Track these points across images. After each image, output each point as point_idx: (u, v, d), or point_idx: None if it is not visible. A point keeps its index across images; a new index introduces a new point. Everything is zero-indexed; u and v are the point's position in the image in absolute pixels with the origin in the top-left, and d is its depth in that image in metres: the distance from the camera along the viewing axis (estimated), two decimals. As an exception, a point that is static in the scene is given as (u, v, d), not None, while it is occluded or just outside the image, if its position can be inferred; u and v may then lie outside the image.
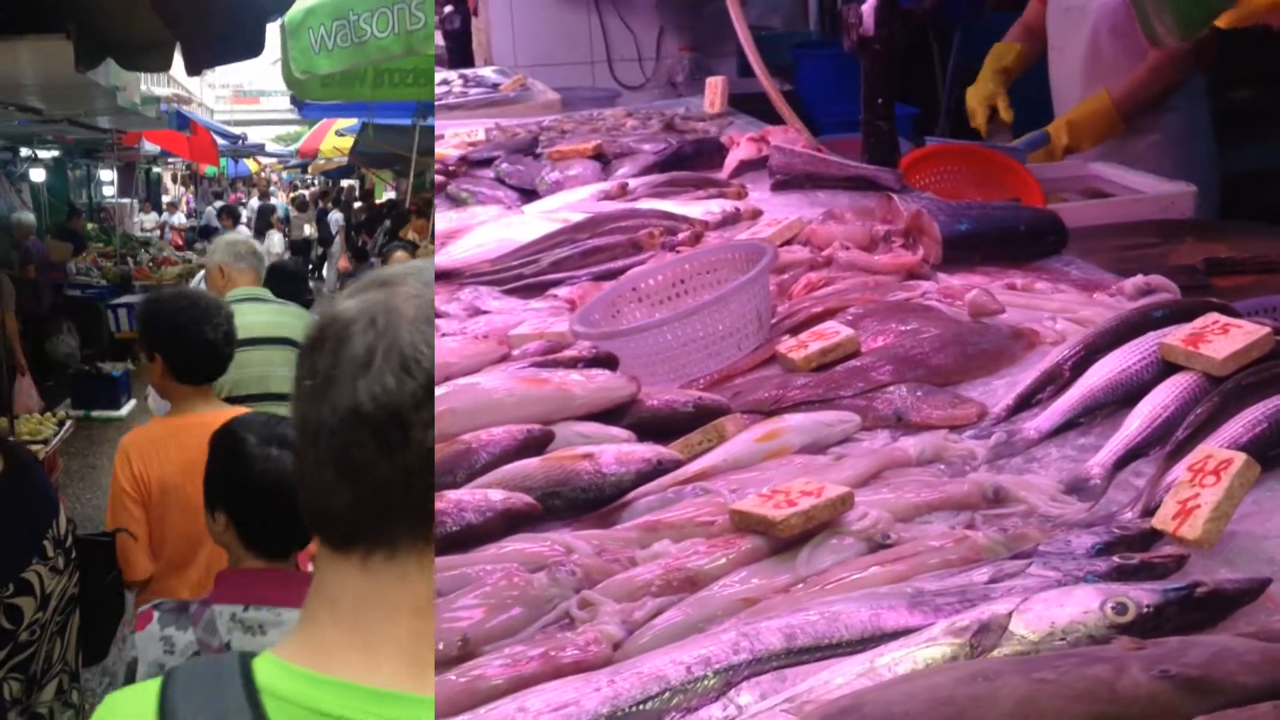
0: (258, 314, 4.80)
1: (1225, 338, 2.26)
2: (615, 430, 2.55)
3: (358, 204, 21.79)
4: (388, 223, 13.06)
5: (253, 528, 2.47)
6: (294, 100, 12.72)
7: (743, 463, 2.37)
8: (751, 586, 1.98)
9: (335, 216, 16.66)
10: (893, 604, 1.82)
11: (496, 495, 2.34)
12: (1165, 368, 2.33)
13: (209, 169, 28.72)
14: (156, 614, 2.35)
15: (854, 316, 2.84)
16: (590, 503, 2.35)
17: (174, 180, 30.01)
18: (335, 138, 20.27)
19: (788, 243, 3.35)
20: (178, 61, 5.21)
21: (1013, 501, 2.14)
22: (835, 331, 2.72)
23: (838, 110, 5.39)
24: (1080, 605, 1.69)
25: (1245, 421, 2.08)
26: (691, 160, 4.62)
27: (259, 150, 28.48)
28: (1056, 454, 2.29)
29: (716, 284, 3.14)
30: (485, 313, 3.43)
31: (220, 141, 18.81)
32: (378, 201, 16.99)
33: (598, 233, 3.74)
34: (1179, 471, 2.06)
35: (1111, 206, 4.04)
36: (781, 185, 4.09)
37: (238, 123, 31.77)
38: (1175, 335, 2.32)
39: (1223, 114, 5.52)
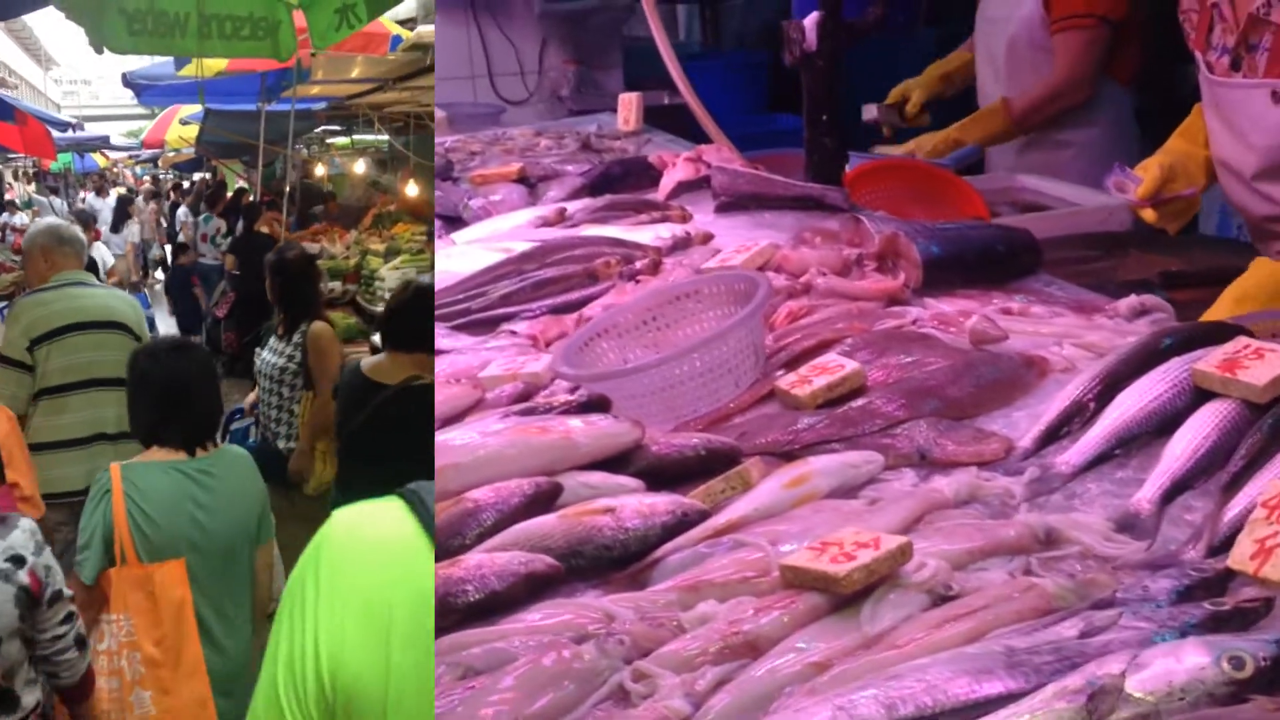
0: (88, 298, 4.76)
1: (1262, 363, 2.22)
2: (624, 479, 2.43)
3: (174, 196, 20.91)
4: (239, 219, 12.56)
5: None
6: (127, 83, 12.07)
7: (773, 511, 2.26)
8: (820, 649, 1.88)
9: (184, 212, 15.89)
10: (989, 666, 1.73)
11: (518, 558, 2.21)
12: (1198, 395, 2.28)
13: (53, 164, 27.59)
14: None
15: (850, 347, 2.76)
16: (614, 561, 2.24)
17: (15, 177, 28.42)
18: (180, 127, 19.09)
19: (759, 269, 3.25)
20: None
21: (1065, 542, 2.08)
22: (839, 365, 2.64)
23: (726, 123, 5.34)
24: (1194, 661, 1.63)
25: (1304, 452, 2.04)
26: (621, 182, 4.51)
27: (104, 143, 27.07)
28: (1096, 489, 2.23)
29: (686, 315, 3.04)
30: (441, 352, 3.28)
31: (57, 135, 17.36)
32: (228, 194, 16.33)
33: (547, 263, 3.61)
34: (1239, 505, 2.02)
35: (1053, 220, 4.04)
36: (725, 207, 4.00)
37: (85, 118, 30.15)
38: (1209, 361, 2.28)
39: (1148, 131, 5.59)
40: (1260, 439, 2.10)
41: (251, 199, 12.45)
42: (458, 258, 3.82)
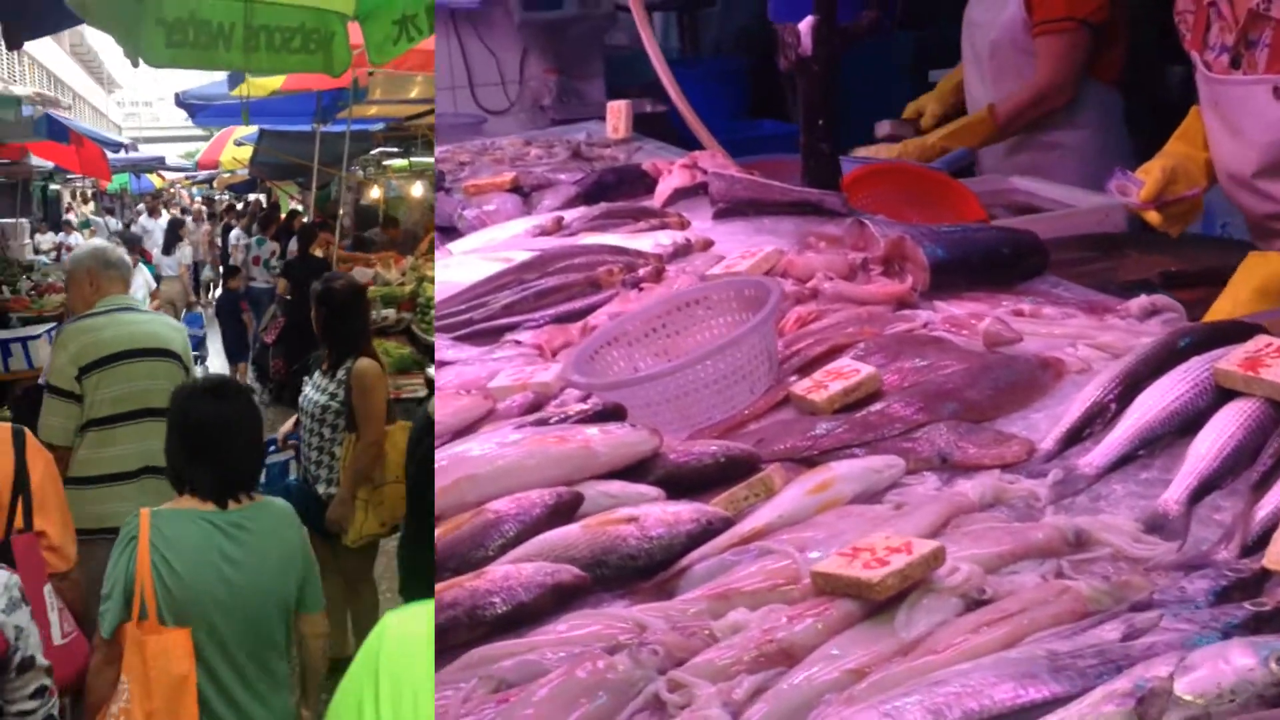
0: (138, 324, 4.46)
1: (1285, 362, 2.23)
2: (644, 488, 2.42)
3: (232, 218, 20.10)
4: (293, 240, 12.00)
5: None
6: (180, 103, 11.53)
7: (798, 518, 2.25)
8: (856, 656, 1.87)
9: (237, 234, 15.04)
10: (1033, 671, 1.72)
11: (544, 569, 2.19)
12: (1220, 394, 2.28)
13: (109, 185, 26.39)
14: None
15: (863, 351, 2.75)
16: (640, 571, 2.22)
17: (73, 197, 27.85)
18: (234, 148, 18.43)
19: (766, 274, 3.24)
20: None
21: (1095, 544, 2.07)
22: (855, 370, 2.63)
23: (710, 130, 5.30)
24: (1242, 663, 1.62)
25: (1333, 450, 2.05)
26: (615, 189, 4.50)
27: (159, 164, 26.32)
28: (1122, 490, 2.23)
29: (695, 322, 3.03)
30: (446, 364, 3.26)
31: (112, 155, 16.92)
32: (282, 215, 15.73)
33: (548, 272, 3.59)
34: (1271, 505, 2.02)
35: (1050, 221, 4.04)
36: (723, 213, 3.99)
37: (145, 140, 29.92)
38: (1230, 360, 2.28)
39: (1140, 129, 5.61)
40: (1288, 437, 2.10)
41: (305, 221, 11.82)
42: (456, 268, 3.80)
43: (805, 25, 3.86)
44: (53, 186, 23.67)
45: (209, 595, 2.87)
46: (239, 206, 23.86)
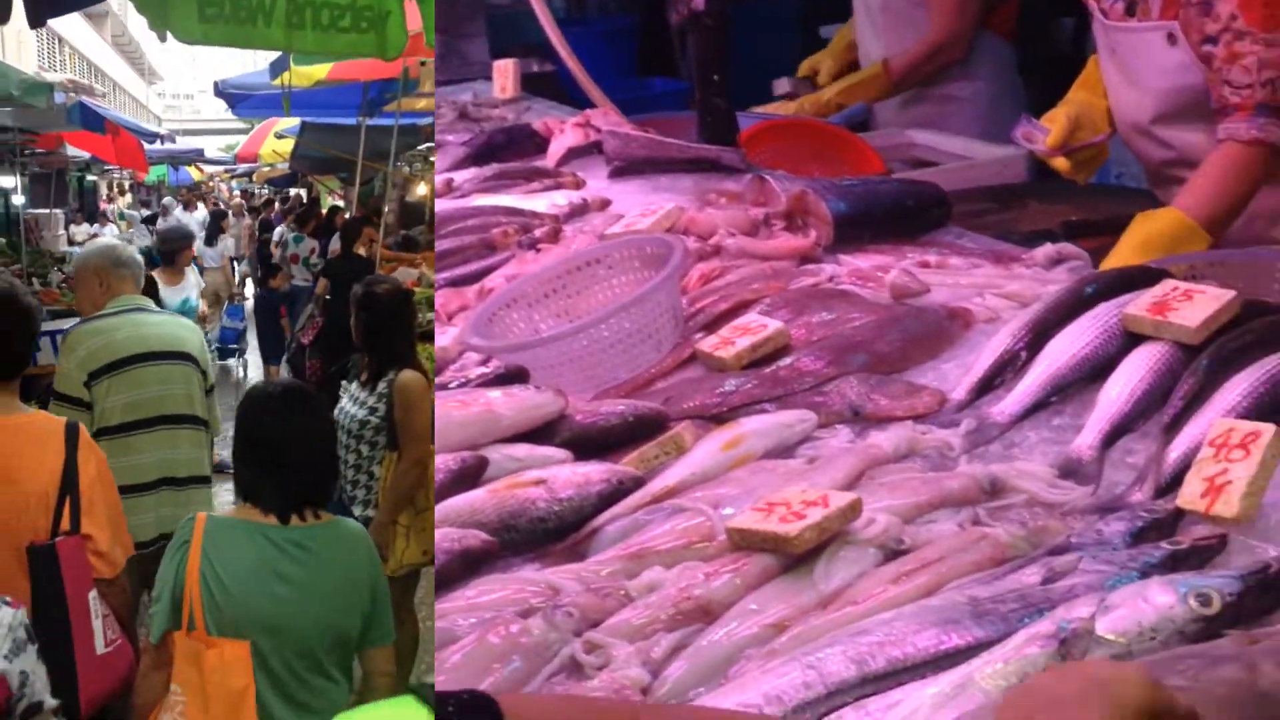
0: (152, 325, 4.12)
1: (1192, 304, 2.23)
2: (550, 450, 2.36)
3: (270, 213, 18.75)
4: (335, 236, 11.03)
5: None
6: (219, 92, 10.85)
7: (711, 474, 2.21)
8: (776, 610, 1.84)
9: (282, 230, 13.79)
10: (955, 617, 1.70)
11: (450, 535, 2.13)
12: (1129, 339, 2.28)
13: (146, 177, 25.62)
14: None
15: (769, 307, 2.72)
16: (550, 533, 2.17)
17: (110, 188, 26.71)
18: (275, 140, 17.37)
19: (667, 232, 3.18)
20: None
21: (1011, 491, 2.06)
22: (762, 325, 2.59)
23: (600, 88, 5.23)
24: (1162, 601, 1.62)
25: (1241, 389, 2.05)
26: (506, 150, 4.40)
27: (198, 156, 25.16)
28: (1035, 437, 2.22)
29: (595, 282, 2.97)
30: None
31: (150, 147, 16.01)
32: (322, 211, 14.64)
33: (441, 235, 3.51)
34: (1182, 446, 2.02)
35: (951, 174, 4.04)
36: (619, 172, 3.93)
37: (185, 133, 28.63)
38: (1138, 305, 2.28)
39: (1034, 80, 5.67)
40: (1197, 379, 2.10)
41: (349, 217, 10.75)
42: (348, 233, 3.70)
43: (699, -20, 3.81)
44: (89, 177, 22.72)
45: (255, 613, 2.61)
46: (279, 203, 22.21)
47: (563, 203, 3.67)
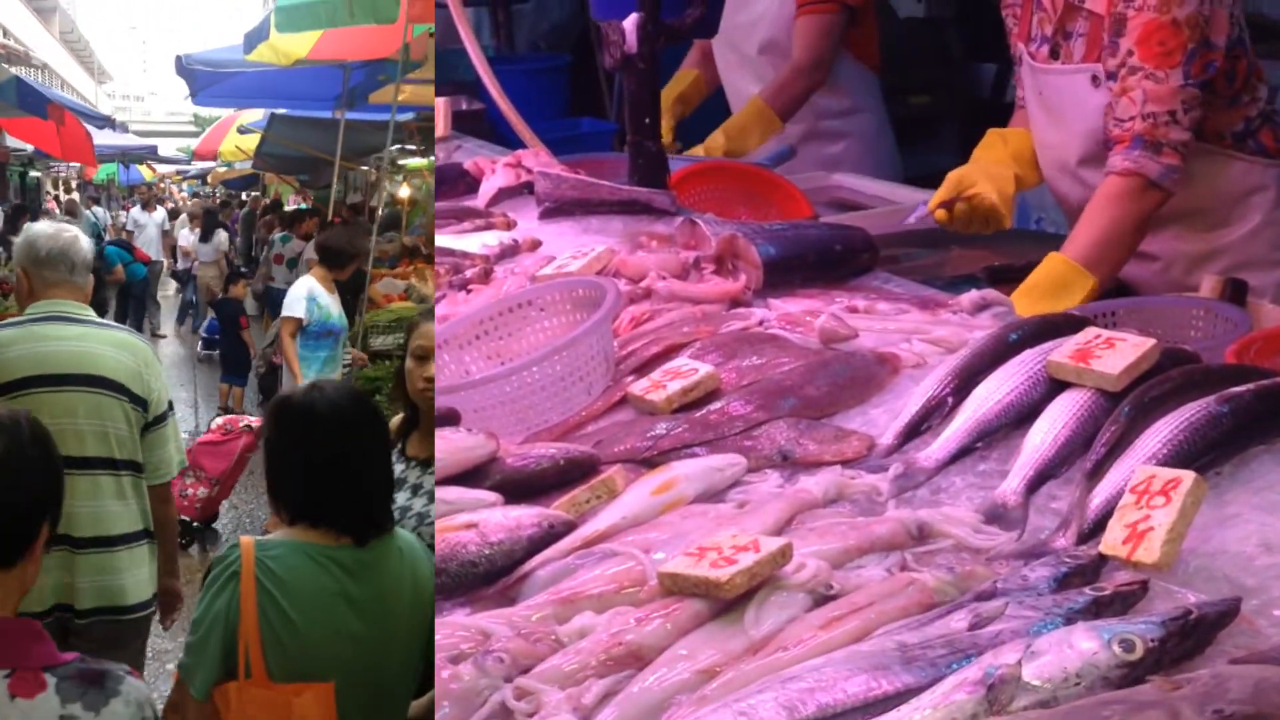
0: (63, 340, 3.37)
1: (1113, 352, 2.27)
2: (481, 493, 2.35)
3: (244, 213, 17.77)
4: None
5: None
6: (182, 68, 9.33)
7: (642, 519, 2.22)
8: (708, 656, 1.85)
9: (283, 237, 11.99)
10: (884, 663, 1.72)
11: (381, 579, 2.12)
12: (1053, 386, 2.32)
13: (96, 175, 24.29)
14: None
15: (700, 350, 2.74)
16: (481, 577, 2.16)
17: (55, 185, 25.34)
18: (237, 136, 16.07)
19: (598, 274, 3.20)
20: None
21: (937, 536, 2.08)
22: (692, 369, 2.61)
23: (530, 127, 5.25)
24: (1086, 647, 1.64)
25: (1162, 436, 2.09)
26: (436, 189, 4.41)
27: (150, 154, 23.58)
28: (961, 483, 2.25)
29: (526, 324, 2.98)
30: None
31: (99, 143, 14.64)
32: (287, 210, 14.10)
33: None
34: (1105, 492, 2.06)
35: (875, 218, 4.09)
36: (550, 213, 3.94)
37: (135, 134, 26.49)
38: (1062, 352, 2.32)
39: (901, 119, 5.81)
40: (1119, 427, 2.14)
41: (341, 220, 9.66)
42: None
43: (630, 23, 3.84)
44: (32, 173, 21.85)
45: (331, 651, 2.27)
46: (236, 206, 21.10)
47: (494, 243, 3.67)
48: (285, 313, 6.38)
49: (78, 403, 3.32)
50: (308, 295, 6.32)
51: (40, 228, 3.59)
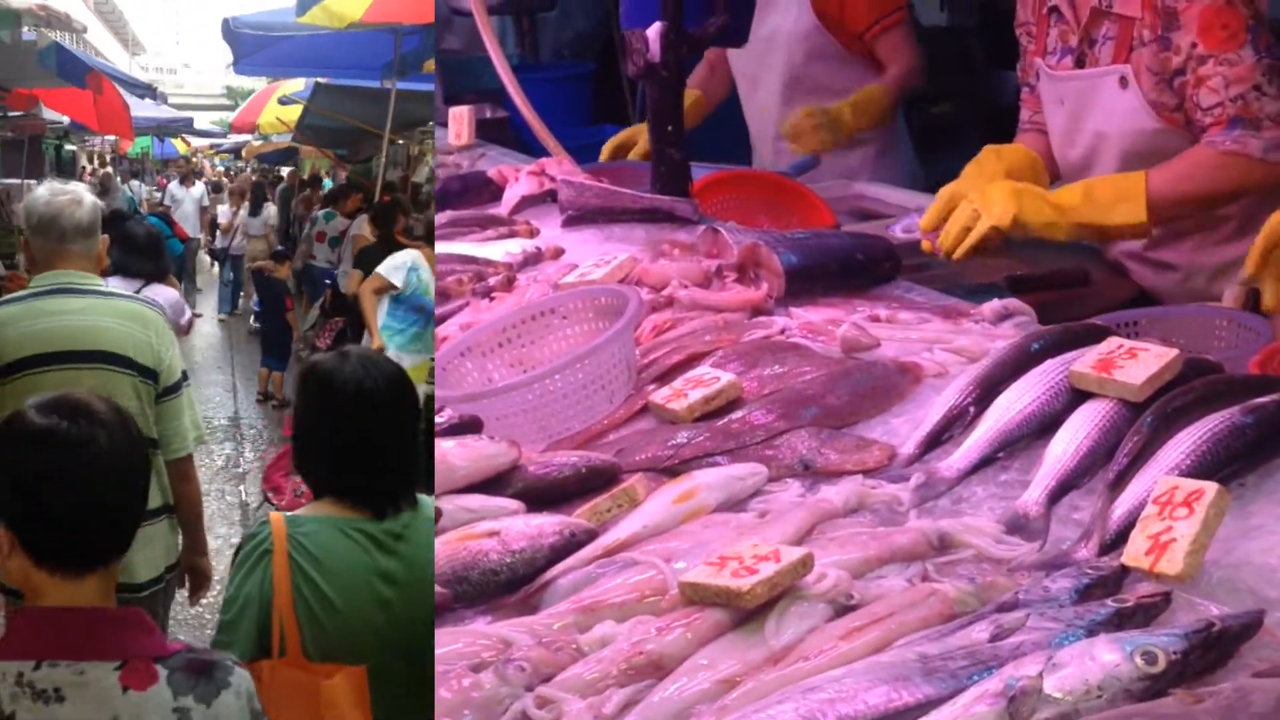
0: (65, 316, 3.20)
1: (1136, 362, 2.27)
2: (504, 501, 2.36)
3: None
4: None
5: (42, 534, 1.78)
6: (228, 31, 8.72)
7: (663, 528, 2.22)
8: (728, 666, 1.85)
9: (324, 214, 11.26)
10: (905, 674, 1.72)
11: (403, 587, 2.13)
12: (1075, 396, 2.32)
13: (130, 148, 23.53)
14: None
15: (721, 359, 2.74)
16: (502, 586, 2.17)
17: (89, 159, 24.14)
18: (278, 108, 15.12)
19: (620, 283, 3.21)
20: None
21: (959, 546, 2.08)
22: (714, 378, 2.61)
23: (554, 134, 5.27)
24: (1108, 659, 1.64)
25: (1185, 447, 2.09)
26: (460, 198, 4.42)
27: (187, 126, 22.47)
28: (983, 493, 2.25)
29: (549, 332, 2.99)
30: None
31: (136, 115, 13.82)
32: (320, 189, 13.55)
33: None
34: (1127, 503, 2.06)
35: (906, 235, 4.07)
36: (573, 221, 3.95)
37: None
38: (1084, 362, 2.32)
39: (923, 127, 5.80)
40: (1142, 437, 2.13)
41: (392, 198, 8.89)
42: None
43: (653, 32, 3.85)
44: (68, 147, 20.89)
45: (368, 626, 2.27)
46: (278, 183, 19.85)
47: (517, 251, 3.69)
48: (380, 272, 6.27)
49: (82, 381, 3.09)
50: (411, 264, 6.21)
51: (39, 192, 3.39)
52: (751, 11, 4.28)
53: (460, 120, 5.45)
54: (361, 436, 2.32)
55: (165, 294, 5.81)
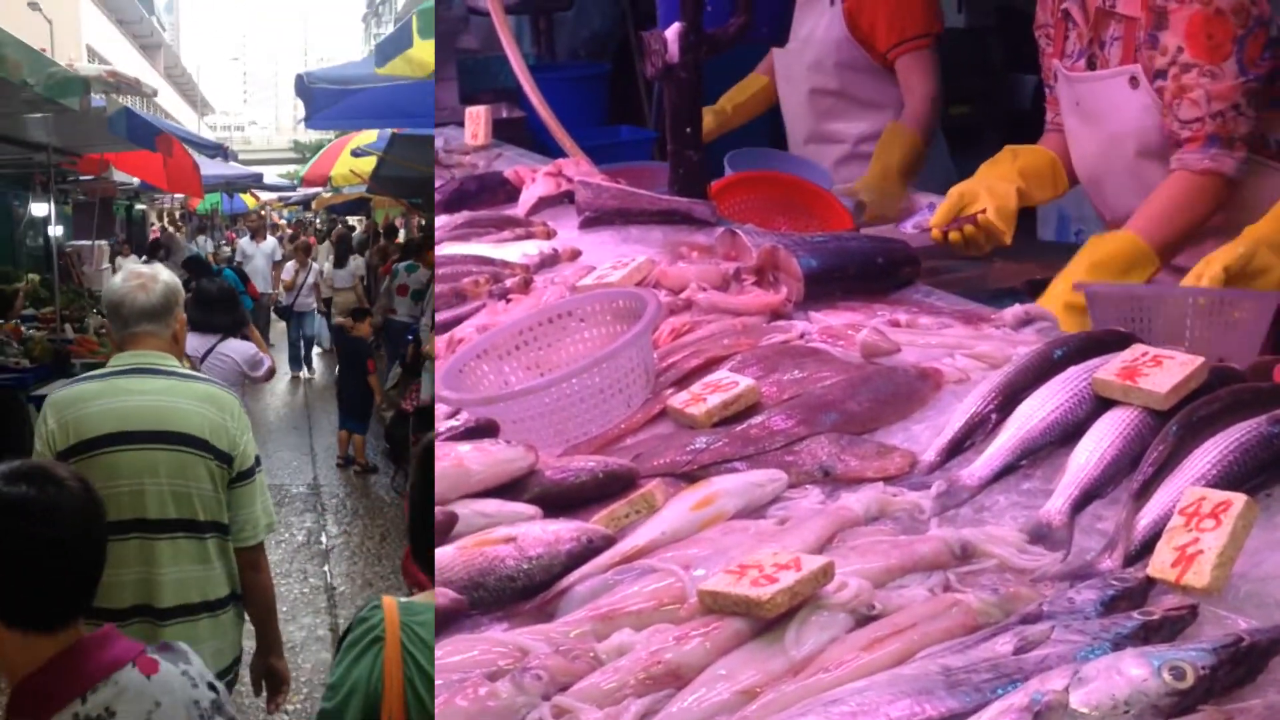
0: (142, 396, 3.17)
1: (1161, 370, 2.24)
2: (520, 507, 2.34)
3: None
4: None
5: (14, 598, 1.86)
6: (302, 88, 8.64)
7: (681, 534, 2.21)
8: (748, 676, 1.83)
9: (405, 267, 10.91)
10: (929, 687, 1.69)
11: (419, 593, 2.11)
12: (1098, 404, 2.29)
13: (199, 205, 23.42)
14: None
15: (740, 363, 2.72)
16: (519, 592, 2.15)
17: (159, 218, 24.22)
18: (350, 159, 14.83)
19: (638, 285, 3.19)
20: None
21: (981, 556, 2.06)
22: (733, 382, 2.59)
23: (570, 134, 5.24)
24: (1135, 674, 1.61)
25: (1211, 457, 2.06)
26: (476, 198, 4.40)
27: (255, 181, 22.29)
28: (1005, 501, 2.22)
29: (566, 335, 2.96)
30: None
31: (205, 172, 13.51)
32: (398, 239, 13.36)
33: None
34: (1153, 514, 2.03)
35: (919, 232, 4.06)
36: (590, 222, 3.92)
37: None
38: (1108, 370, 2.29)
39: (942, 129, 5.77)
40: (1168, 446, 2.10)
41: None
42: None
43: (672, 32, 3.82)
44: (138, 206, 20.83)
45: None
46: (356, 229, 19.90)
47: (533, 252, 3.67)
48: None
49: (159, 461, 3.13)
50: None
51: (115, 280, 3.39)
52: (779, 10, 4.25)
53: (477, 120, 5.43)
54: None
55: (241, 347, 5.96)
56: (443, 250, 3.82)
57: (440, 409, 2.74)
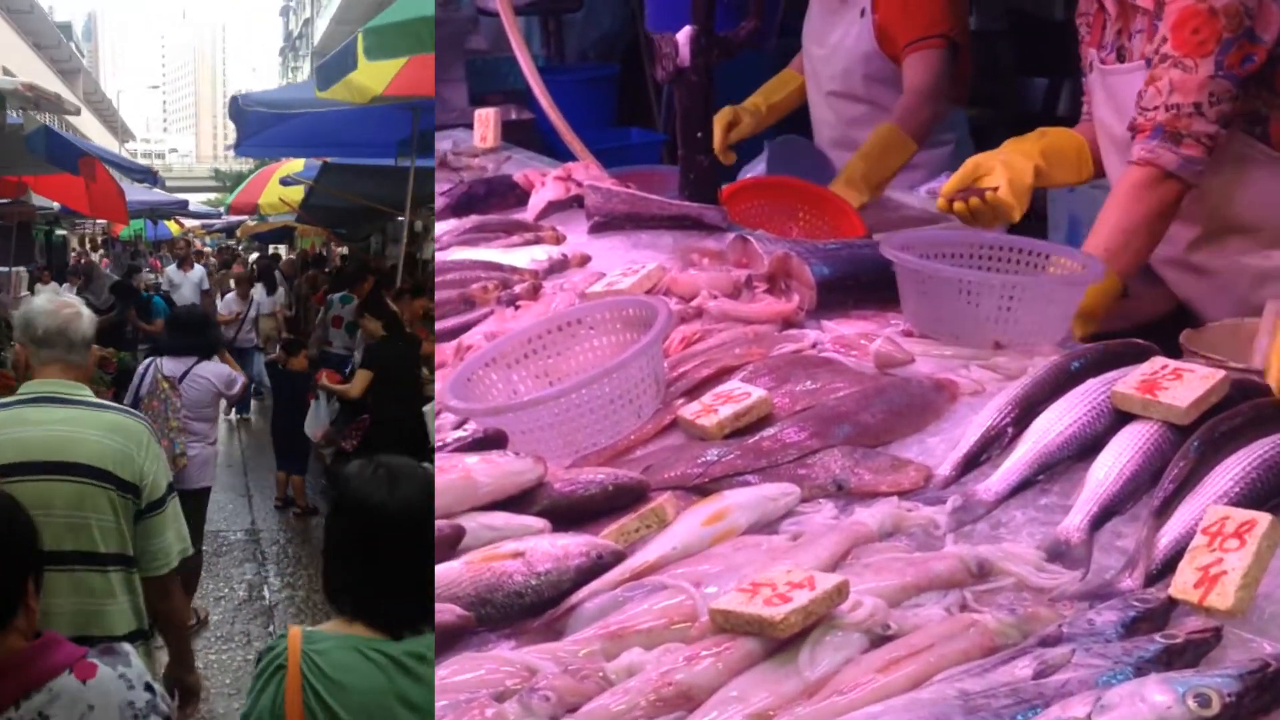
0: (45, 426, 3.10)
1: (1181, 384, 2.20)
2: (528, 520, 2.30)
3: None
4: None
5: None
6: (236, 110, 8.43)
7: (692, 550, 2.16)
8: (761, 698, 1.79)
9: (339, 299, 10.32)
10: (945, 713, 1.65)
11: (425, 609, 2.07)
12: (1117, 417, 2.25)
13: (123, 231, 23.07)
14: None
15: (751, 373, 2.68)
16: (527, 609, 2.11)
17: (81, 243, 23.92)
18: (279, 188, 14.72)
19: (648, 292, 3.15)
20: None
21: (998, 574, 2.02)
22: (745, 393, 2.55)
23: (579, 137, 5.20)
24: (1159, 700, 1.57)
25: (1234, 474, 2.02)
26: (485, 202, 4.37)
27: (181, 208, 22.26)
28: (1022, 517, 2.18)
29: (576, 343, 2.92)
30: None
31: (130, 198, 13.30)
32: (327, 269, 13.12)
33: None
34: (1174, 532, 1.99)
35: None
36: (600, 227, 3.88)
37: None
38: (1127, 383, 2.25)
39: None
40: (1189, 462, 2.07)
41: (406, 285, 8.53)
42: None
43: (683, 35, 3.79)
44: (58, 231, 20.33)
45: None
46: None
47: (542, 258, 3.63)
48: None
49: (55, 493, 3.04)
50: None
51: (39, 303, 3.32)
52: (774, 13, 4.21)
53: (486, 123, 5.39)
54: (397, 559, 2.13)
55: (216, 369, 6.11)
56: (449, 256, 3.78)
57: (446, 419, 2.70)
